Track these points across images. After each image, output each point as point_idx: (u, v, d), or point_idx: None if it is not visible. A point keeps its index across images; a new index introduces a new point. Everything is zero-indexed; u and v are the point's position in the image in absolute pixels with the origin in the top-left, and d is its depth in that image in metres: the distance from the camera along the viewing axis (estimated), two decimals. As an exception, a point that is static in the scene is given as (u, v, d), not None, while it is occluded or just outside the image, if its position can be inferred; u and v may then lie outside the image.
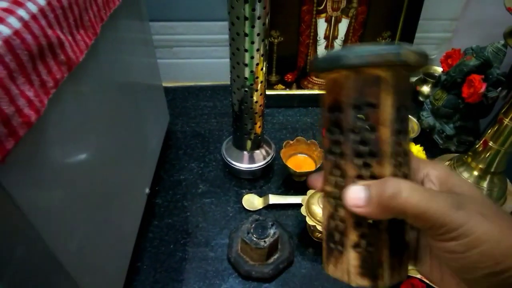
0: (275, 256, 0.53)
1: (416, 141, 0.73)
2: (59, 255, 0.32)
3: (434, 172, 0.23)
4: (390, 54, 0.20)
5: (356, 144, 0.22)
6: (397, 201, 0.20)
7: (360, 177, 0.23)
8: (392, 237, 0.23)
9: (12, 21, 0.26)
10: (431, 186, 0.23)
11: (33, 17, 0.27)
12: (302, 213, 0.54)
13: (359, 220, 0.23)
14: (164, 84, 0.72)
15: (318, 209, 0.54)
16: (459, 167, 0.62)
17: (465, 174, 0.61)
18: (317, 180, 0.26)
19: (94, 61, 0.39)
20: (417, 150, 0.66)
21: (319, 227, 0.53)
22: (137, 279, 0.52)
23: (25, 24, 0.27)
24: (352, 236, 0.23)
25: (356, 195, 0.21)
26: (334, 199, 0.24)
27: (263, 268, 0.52)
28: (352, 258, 0.23)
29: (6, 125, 0.24)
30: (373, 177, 0.22)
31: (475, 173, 0.59)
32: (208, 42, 0.84)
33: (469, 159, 0.60)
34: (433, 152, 0.74)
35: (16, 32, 0.26)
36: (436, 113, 0.74)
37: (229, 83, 0.59)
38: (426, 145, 0.69)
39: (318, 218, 0.53)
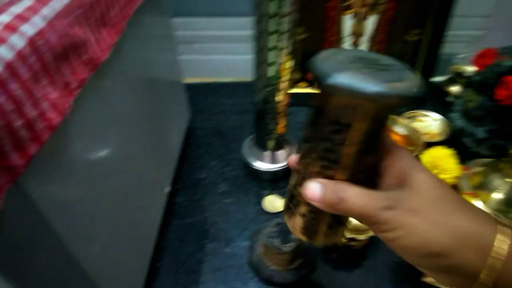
0: (298, 262, 0.51)
1: (444, 143, 0.69)
2: (81, 260, 0.31)
3: (395, 165, 0.26)
4: (374, 96, 0.20)
5: (324, 151, 0.25)
6: (343, 206, 0.25)
7: (320, 174, 0.26)
8: (332, 217, 0.28)
9: (37, 20, 0.25)
10: (388, 178, 0.26)
11: (57, 15, 0.26)
12: (326, 217, 0.53)
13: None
14: (185, 81, 0.71)
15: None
16: (493, 173, 0.58)
17: (498, 182, 0.57)
18: (293, 160, 0.31)
19: (118, 58, 0.38)
20: (447, 154, 0.63)
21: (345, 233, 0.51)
22: (157, 279, 0.52)
23: (50, 23, 0.26)
24: (302, 209, 0.29)
25: (313, 192, 0.26)
26: (299, 177, 0.28)
27: (285, 274, 0.50)
28: (298, 221, 0.30)
29: (30, 130, 0.23)
30: (331, 177, 0.26)
31: (510, 180, 0.56)
32: (230, 38, 0.82)
33: (504, 165, 0.57)
34: (462, 156, 0.70)
35: (41, 32, 0.25)
36: (467, 115, 0.71)
37: (250, 80, 0.57)
38: (455, 148, 0.66)
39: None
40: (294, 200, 0.30)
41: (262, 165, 0.64)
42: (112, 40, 0.34)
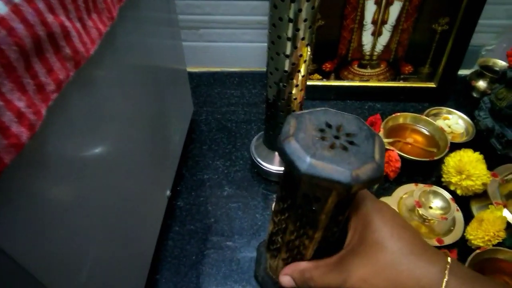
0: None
1: (469, 145, 0.63)
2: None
3: (357, 218, 0.28)
4: (340, 185, 0.22)
5: (300, 214, 0.28)
6: (310, 286, 0.29)
7: (298, 231, 0.29)
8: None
9: (-4, 4, 0.19)
10: (352, 230, 0.29)
11: (27, -2, 0.20)
12: (344, 230, 0.47)
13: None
14: (188, 69, 0.64)
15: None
16: (528, 183, 0.53)
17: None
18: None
19: (111, 46, 0.32)
20: (476, 158, 0.57)
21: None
22: (154, 294, 0.47)
23: (15, 8, 0.20)
24: (283, 254, 0.32)
25: (287, 284, 0.31)
26: (278, 228, 0.31)
27: (296, 292, 0.45)
28: (280, 263, 0.33)
29: (-16, 152, 0.18)
30: (306, 234, 0.29)
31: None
32: (238, 23, 0.75)
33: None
34: (489, 159, 0.64)
35: (1, 20, 0.19)
36: (497, 114, 0.65)
37: (259, 70, 0.51)
38: (481, 150, 0.60)
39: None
40: (274, 245, 0.33)
41: (271, 166, 0.58)
42: (102, 29, 0.28)
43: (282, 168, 0.58)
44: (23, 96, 0.20)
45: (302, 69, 0.46)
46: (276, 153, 0.58)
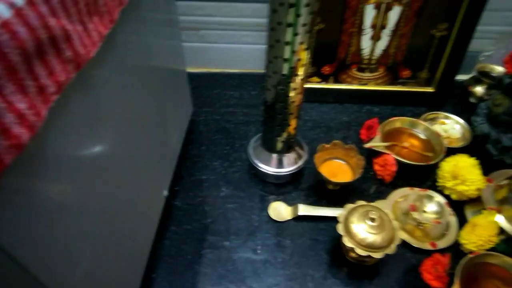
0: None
1: (465, 150, 0.64)
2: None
3: None
4: None
5: None
6: None
7: None
8: None
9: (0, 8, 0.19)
10: None
11: (30, 2, 0.21)
12: (339, 231, 0.48)
13: None
14: (188, 70, 0.65)
15: (357, 228, 0.47)
16: (522, 189, 0.53)
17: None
18: None
19: (110, 47, 0.33)
20: (471, 164, 0.58)
21: (359, 250, 0.46)
22: (150, 292, 0.47)
23: (18, 12, 0.20)
24: None
25: None
26: None
27: (291, 293, 0.46)
28: None
29: (-14, 152, 0.18)
30: None
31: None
32: (238, 25, 0.76)
33: (535, 180, 0.52)
34: (485, 164, 0.65)
35: (4, 24, 0.19)
36: (494, 120, 0.65)
37: (258, 71, 0.51)
38: (477, 156, 0.60)
39: (357, 239, 0.47)
40: None
41: (268, 168, 0.59)
42: (103, 32, 0.29)
43: (280, 170, 0.58)
44: (24, 98, 0.21)
45: (300, 72, 0.47)
46: (274, 155, 0.59)
